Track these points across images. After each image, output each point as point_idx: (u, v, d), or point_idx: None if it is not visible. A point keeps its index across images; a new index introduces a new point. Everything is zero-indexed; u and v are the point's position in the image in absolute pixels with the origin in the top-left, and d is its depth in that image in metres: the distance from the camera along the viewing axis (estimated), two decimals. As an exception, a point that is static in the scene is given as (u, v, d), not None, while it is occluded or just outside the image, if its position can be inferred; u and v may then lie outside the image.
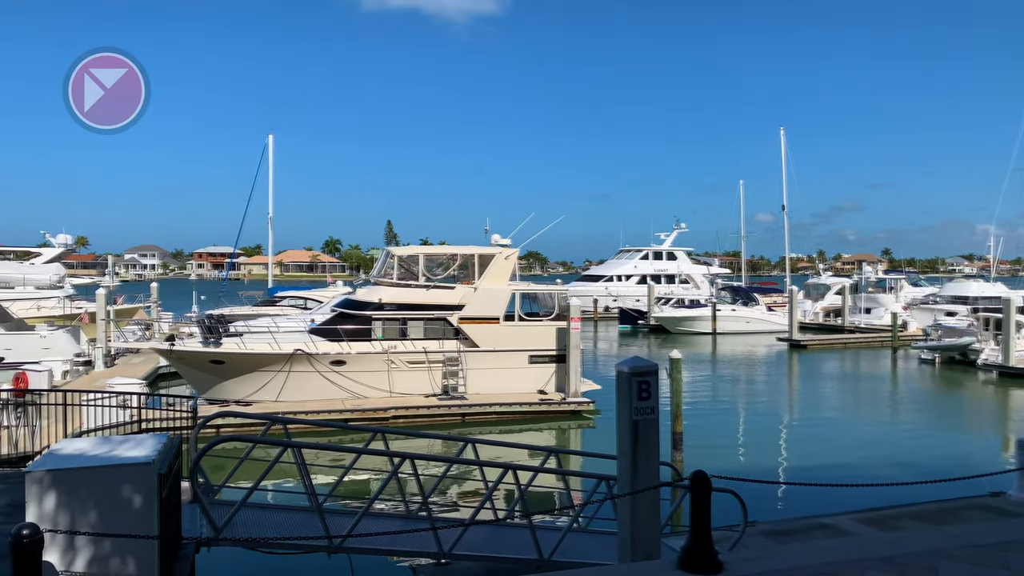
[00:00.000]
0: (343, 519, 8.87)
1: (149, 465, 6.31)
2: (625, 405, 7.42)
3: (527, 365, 23.81)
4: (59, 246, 48.49)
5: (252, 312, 34.86)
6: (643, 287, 61.70)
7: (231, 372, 22.48)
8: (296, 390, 22.18)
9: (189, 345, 23.44)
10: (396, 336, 23.31)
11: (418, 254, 25.44)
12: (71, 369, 27.10)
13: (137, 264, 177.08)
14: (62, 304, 38.84)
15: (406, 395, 22.68)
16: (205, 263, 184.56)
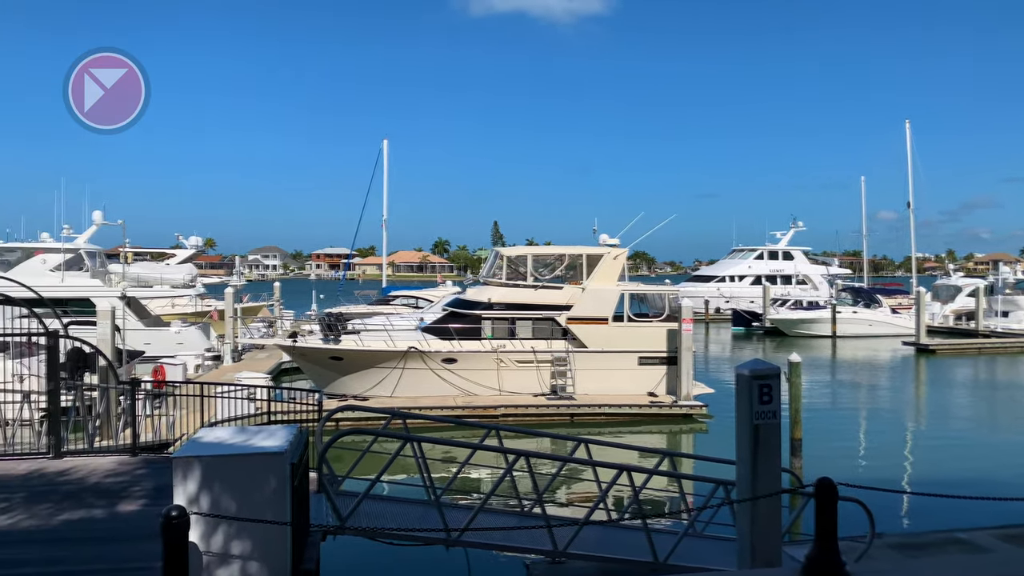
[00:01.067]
0: (459, 513, 9.08)
1: (282, 455, 6.65)
2: (745, 409, 7.24)
3: (636, 367, 23.56)
4: (191, 248, 51.71)
5: (367, 311, 36.11)
6: (757, 288, 59.76)
7: (349, 368, 23.37)
8: (410, 386, 22.80)
9: (310, 342, 24.53)
10: (505, 335, 23.57)
11: (526, 254, 25.64)
12: (202, 363, 28.83)
13: (260, 264, 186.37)
14: (194, 302, 41.38)
15: (515, 394, 22.90)
16: (322, 264, 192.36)
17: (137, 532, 7.94)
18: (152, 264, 46.10)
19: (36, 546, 7.58)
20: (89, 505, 8.84)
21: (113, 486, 9.70)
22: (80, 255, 35.99)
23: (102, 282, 34.47)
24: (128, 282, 34.71)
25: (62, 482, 9.89)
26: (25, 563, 7.10)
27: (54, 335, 11.77)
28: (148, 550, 7.22)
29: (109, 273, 37.02)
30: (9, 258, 35.01)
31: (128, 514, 8.60)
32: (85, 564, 7.12)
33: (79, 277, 34.31)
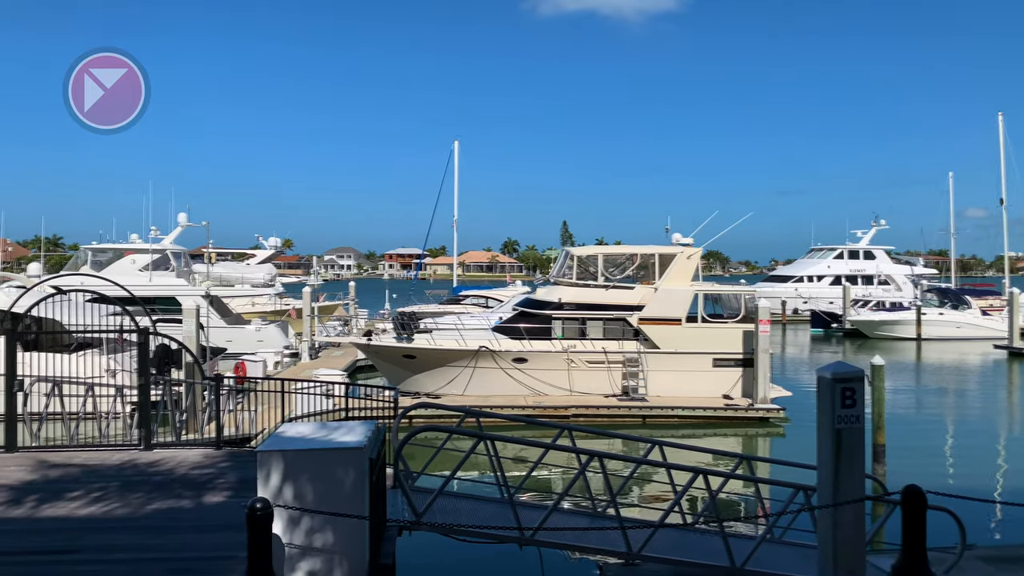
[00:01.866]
0: (532, 512, 9.08)
1: (362, 450, 6.78)
2: (827, 413, 7.03)
3: (711, 368, 23.14)
4: (270, 248, 53.46)
5: (438, 310, 36.55)
6: (837, 288, 57.88)
7: (422, 366, 23.70)
8: (481, 385, 22.97)
9: (384, 340, 25.00)
10: (575, 336, 23.49)
11: (597, 254, 25.50)
12: (281, 360, 29.69)
13: (335, 264, 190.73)
14: (273, 301, 42.65)
15: (585, 394, 22.81)
16: (395, 264, 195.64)
17: (222, 522, 8.23)
18: (233, 264, 47.80)
19: (129, 533, 7.94)
20: (177, 496, 9.21)
21: (199, 478, 10.08)
22: (167, 255, 37.56)
23: (187, 281, 35.88)
24: (211, 281, 36.05)
25: (152, 473, 10.33)
26: (119, 549, 7.44)
27: (145, 332, 12.30)
28: (232, 540, 7.47)
29: (193, 273, 38.52)
30: (101, 258, 36.79)
31: (213, 505, 8.92)
32: (174, 552, 7.41)
33: (165, 276, 35.81)
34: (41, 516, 8.44)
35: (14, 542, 7.62)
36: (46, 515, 8.47)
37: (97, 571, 6.92)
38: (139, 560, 7.15)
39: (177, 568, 6.95)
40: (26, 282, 27.23)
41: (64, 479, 9.95)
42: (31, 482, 9.79)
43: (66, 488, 9.50)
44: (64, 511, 8.59)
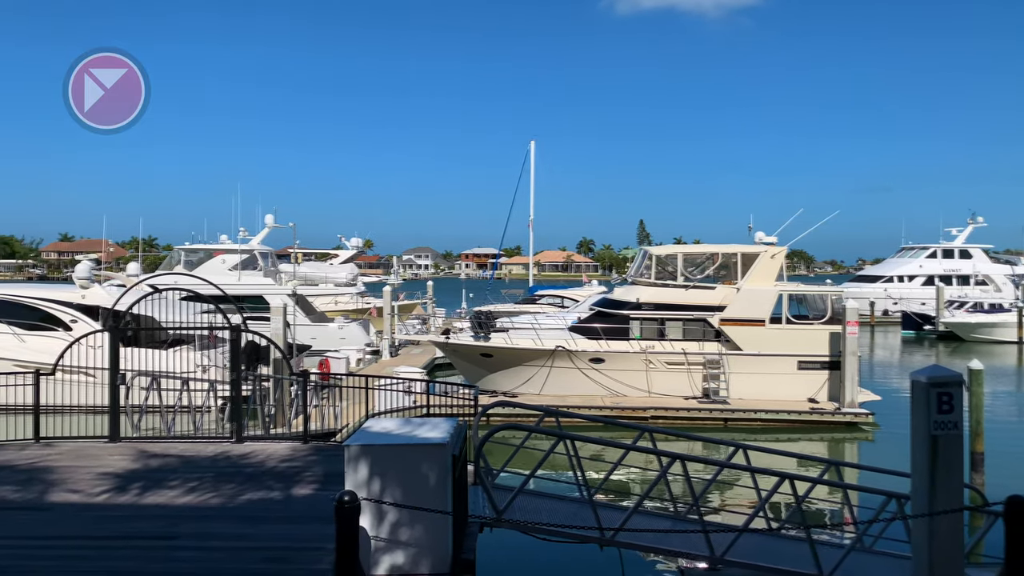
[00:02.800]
0: (612, 513, 9.06)
1: (445, 446, 6.90)
2: (922, 418, 6.75)
3: (795, 371, 22.51)
4: (352, 248, 54.80)
5: (514, 309, 36.73)
6: (930, 289, 55.38)
7: (498, 365, 23.88)
8: (557, 385, 22.97)
9: (462, 339, 25.29)
10: (654, 336, 23.23)
11: (676, 253, 25.14)
12: (363, 357, 30.38)
13: (413, 264, 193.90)
14: (355, 299, 43.68)
15: (664, 396, 22.52)
16: (471, 263, 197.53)
17: (310, 514, 8.49)
18: (317, 264, 49.24)
19: (223, 522, 8.29)
20: (268, 487, 9.56)
21: (287, 470, 10.43)
22: (254, 255, 38.98)
23: (273, 280, 37.15)
24: (298, 281, 37.19)
25: (244, 465, 10.75)
26: (215, 536, 7.78)
27: (236, 329, 12.80)
28: (320, 531, 7.69)
29: (279, 272, 39.84)
30: (192, 258, 38.47)
31: (301, 497, 9.22)
32: (266, 541, 7.69)
33: (253, 276, 37.16)
34: (143, 503, 8.90)
35: (120, 527, 8.07)
36: (148, 502, 8.93)
37: (195, 557, 7.25)
38: (234, 548, 7.45)
39: (269, 557, 7.21)
40: (126, 281, 28.68)
41: (163, 469, 10.46)
42: (134, 471, 10.33)
43: (165, 477, 9.98)
44: (164, 499, 9.04)
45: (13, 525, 8.17)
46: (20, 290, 24.58)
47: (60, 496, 9.18)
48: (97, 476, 10.03)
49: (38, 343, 22.10)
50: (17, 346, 22.13)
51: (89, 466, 10.59)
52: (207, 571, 6.87)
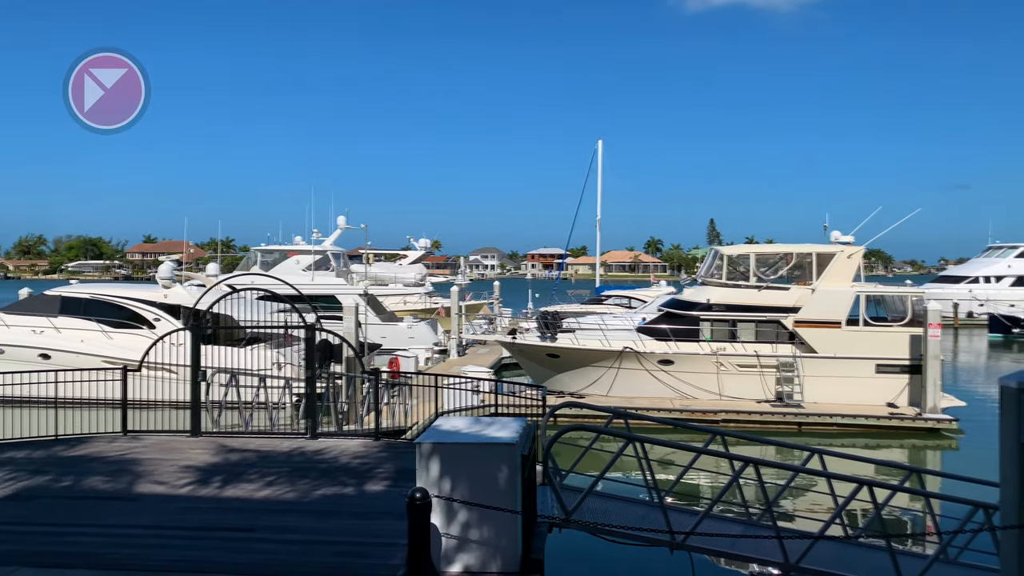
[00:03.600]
0: (682, 516, 8.93)
1: (515, 446, 6.93)
2: (1012, 425, 6.42)
3: (873, 375, 21.77)
4: (420, 249, 55.55)
5: (580, 310, 36.59)
6: (1019, 290, 52.80)
7: (565, 365, 23.84)
8: (625, 386, 22.79)
9: (528, 339, 25.34)
10: (725, 338, 22.81)
11: (748, 253, 24.62)
12: (431, 356, 30.77)
13: (479, 264, 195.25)
14: (423, 299, 44.27)
15: (736, 399, 22.09)
16: (536, 263, 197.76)
17: (382, 510, 8.66)
18: (386, 264, 50.08)
19: (299, 516, 8.52)
20: (341, 483, 9.78)
21: (360, 466, 10.65)
22: (327, 256, 39.89)
23: (345, 281, 37.94)
24: (369, 281, 37.91)
25: (318, 460, 11.03)
26: (292, 530, 8.00)
27: (311, 328, 13.13)
28: (392, 527, 7.84)
29: (351, 272, 40.67)
30: (268, 259, 39.61)
31: (374, 493, 9.40)
32: (340, 536, 7.88)
33: (326, 276, 38.02)
34: (224, 496, 9.22)
35: (203, 518, 8.39)
36: (228, 495, 9.25)
37: (273, 549, 7.48)
38: (309, 542, 7.66)
39: (343, 551, 7.38)
40: (205, 281, 29.76)
41: (242, 463, 10.82)
42: (214, 464, 10.72)
43: (244, 471, 10.32)
44: (243, 492, 9.35)
45: (105, 513, 8.58)
46: (108, 289, 25.78)
47: (147, 487, 9.59)
48: (181, 469, 10.45)
49: (124, 340, 23.15)
50: (105, 343, 23.22)
51: (173, 459, 11.04)
52: (284, 564, 7.07)
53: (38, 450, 11.63)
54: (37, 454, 11.35)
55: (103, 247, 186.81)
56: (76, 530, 7.94)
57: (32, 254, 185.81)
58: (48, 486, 9.64)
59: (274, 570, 6.92)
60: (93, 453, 11.41)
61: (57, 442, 12.24)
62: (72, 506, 8.83)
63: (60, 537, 7.69)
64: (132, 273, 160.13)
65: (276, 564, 7.08)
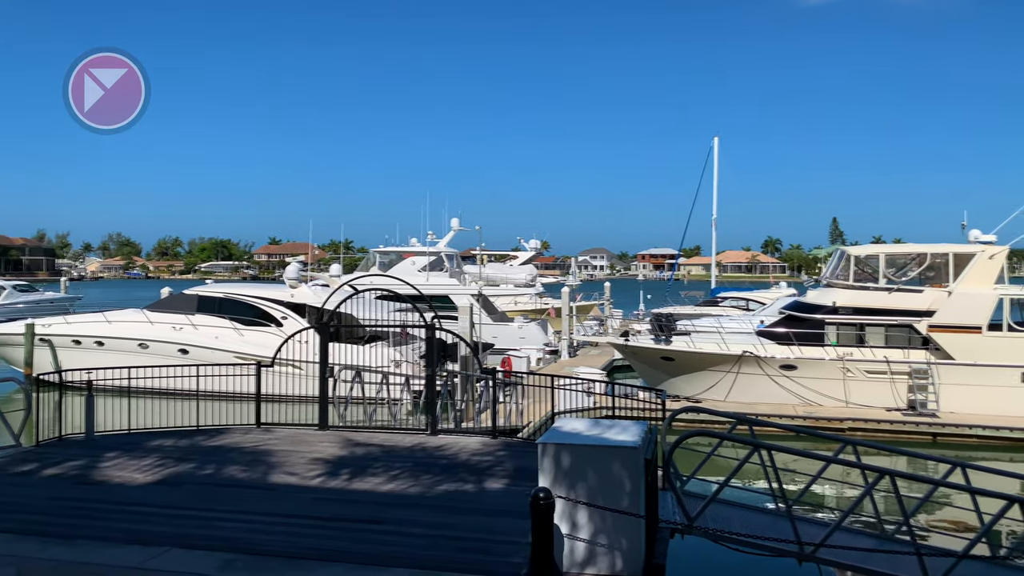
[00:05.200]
0: (809, 527, 8.58)
1: (637, 449, 6.86)
2: None
3: (1018, 383, 20.20)
4: (531, 250, 55.89)
5: (695, 312, 35.82)
6: None
7: (680, 369, 23.37)
8: (744, 392, 22.12)
9: (642, 341, 25.00)
10: (852, 342, 21.75)
11: (878, 253, 23.37)
12: (543, 356, 30.89)
13: (588, 265, 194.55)
14: (533, 300, 44.51)
15: (864, 407, 21.01)
16: (647, 264, 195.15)
17: (502, 507, 8.76)
18: (497, 265, 50.69)
19: (423, 510, 8.74)
20: (462, 479, 9.96)
21: (479, 464, 10.82)
22: (441, 257, 40.80)
23: (458, 281, 38.67)
24: (482, 282, 38.50)
25: (439, 456, 11.28)
26: (416, 524, 8.22)
27: (431, 328, 13.45)
28: (513, 525, 7.92)
29: (464, 273, 41.42)
30: (385, 260, 40.88)
31: (494, 491, 9.52)
32: (461, 531, 8.02)
33: (440, 277, 38.87)
34: (352, 488, 9.59)
35: (333, 509, 8.75)
36: (356, 487, 9.61)
37: (399, 541, 7.70)
38: (433, 536, 7.84)
39: (467, 547, 7.51)
40: (329, 281, 31.04)
41: (367, 457, 11.21)
42: (342, 457, 11.16)
43: (369, 465, 10.69)
44: (369, 485, 9.68)
45: (243, 501, 9.09)
46: (240, 289, 27.34)
47: (280, 478, 10.10)
48: (310, 461, 10.94)
49: (254, 337, 24.48)
50: (237, 339, 24.62)
51: (303, 451, 11.58)
52: (411, 556, 7.26)
53: (182, 439, 12.46)
54: (181, 443, 12.16)
55: (232, 248, 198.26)
56: (219, 515, 8.45)
57: (169, 255, 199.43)
58: (192, 473, 10.31)
59: (401, 562, 7.11)
60: (230, 444, 12.12)
61: (198, 432, 13.07)
62: (214, 493, 9.41)
63: (205, 521, 8.20)
64: (259, 273, 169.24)
65: (402, 556, 7.27)
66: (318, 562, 7.07)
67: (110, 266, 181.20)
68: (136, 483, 9.81)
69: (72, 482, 9.90)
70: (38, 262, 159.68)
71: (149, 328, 25.54)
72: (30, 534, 7.65)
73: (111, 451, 11.46)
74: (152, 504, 8.83)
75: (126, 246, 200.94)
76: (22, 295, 54.82)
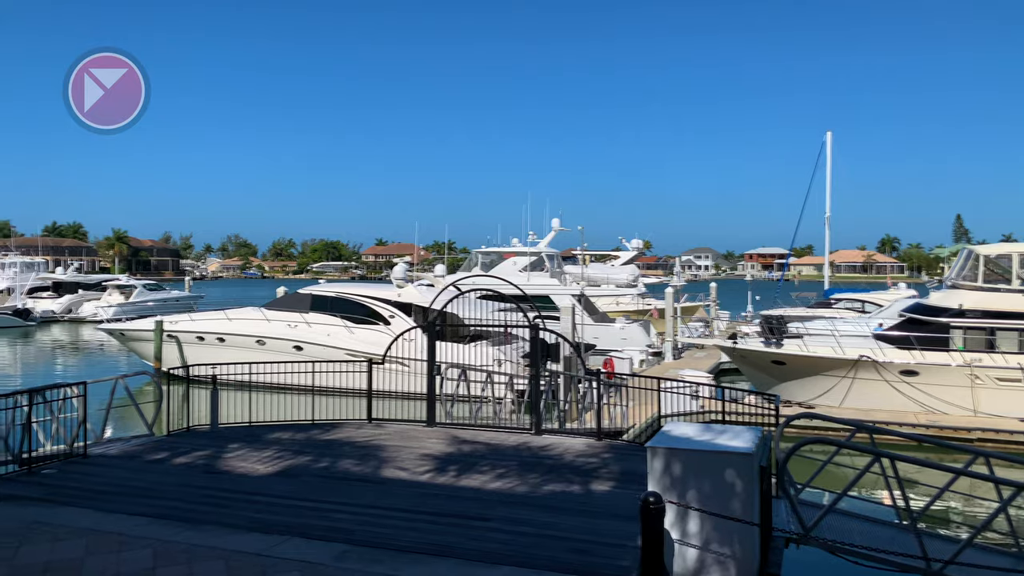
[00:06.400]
0: (934, 542, 8.10)
1: (751, 456, 6.67)
2: None
3: None
4: (633, 249, 55.28)
5: (806, 314, 34.46)
6: None
7: (791, 374, 22.54)
8: (860, 398, 21.12)
9: (751, 344, 24.26)
10: (981, 348, 20.38)
11: (1011, 253, 21.77)
12: (646, 358, 30.47)
13: (692, 265, 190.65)
14: (635, 301, 43.98)
15: (996, 417, 19.64)
16: (755, 263, 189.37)
17: (609, 510, 8.69)
18: (598, 265, 50.38)
19: (529, 509, 8.78)
20: (568, 480, 9.95)
21: (584, 465, 10.78)
22: (542, 258, 40.89)
23: (559, 282, 38.66)
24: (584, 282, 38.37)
25: (544, 456, 11.31)
26: (524, 522, 8.27)
27: (535, 328, 13.51)
28: (621, 528, 7.86)
29: (564, 273, 41.38)
30: (486, 260, 41.34)
31: (601, 493, 9.46)
32: (568, 532, 8.00)
33: (540, 277, 38.96)
34: (459, 485, 9.75)
35: (442, 504, 8.91)
36: (463, 484, 9.76)
37: (506, 539, 7.76)
38: (541, 535, 7.87)
39: (575, 548, 7.49)
40: (434, 281, 31.67)
41: (473, 454, 11.37)
42: (449, 454, 11.36)
43: (475, 462, 10.84)
44: (477, 482, 9.82)
45: (356, 494, 9.40)
46: (350, 289, 28.29)
47: (391, 472, 10.38)
48: (419, 456, 11.20)
49: (364, 335, 25.27)
50: (348, 337, 25.48)
51: (412, 447, 11.86)
52: (519, 554, 7.31)
53: (299, 432, 13.01)
54: (298, 436, 12.70)
55: (342, 249, 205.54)
56: (334, 507, 8.76)
57: (283, 256, 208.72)
58: (308, 466, 10.74)
59: (509, 559, 7.17)
60: (344, 438, 12.55)
61: (313, 426, 13.61)
62: (330, 485, 9.77)
63: (321, 513, 8.53)
64: (366, 273, 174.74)
65: (510, 553, 7.33)
66: (429, 556, 7.22)
67: (229, 266, 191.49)
68: (257, 473, 10.32)
69: (200, 471, 10.50)
70: (165, 262, 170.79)
71: (266, 326, 26.79)
72: (164, 518, 8.16)
73: (234, 442, 12.10)
74: (272, 494, 9.26)
75: (243, 247, 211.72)
76: (151, 294, 58.86)
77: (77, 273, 72.96)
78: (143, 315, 38.20)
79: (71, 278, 64.92)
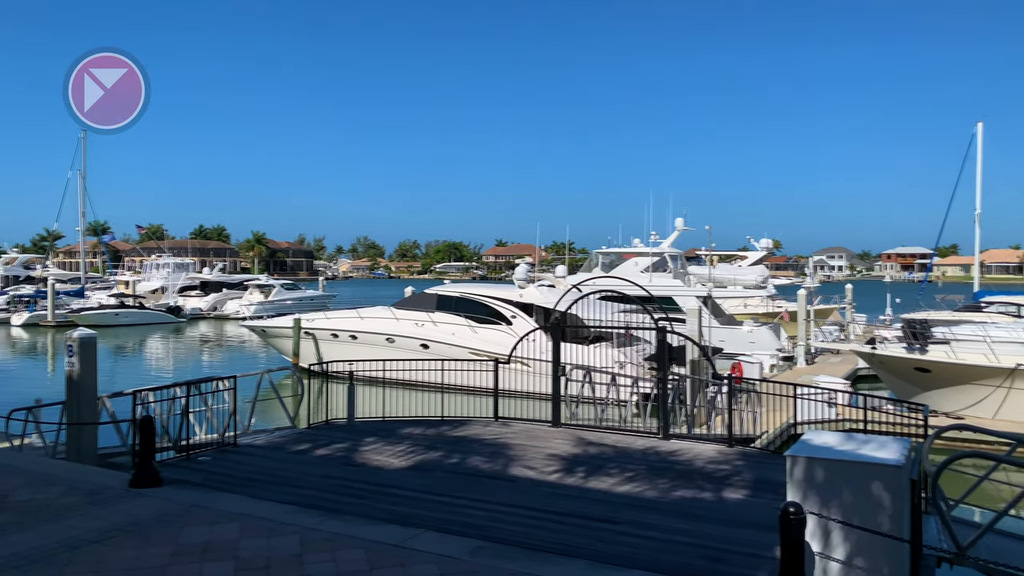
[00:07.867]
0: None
1: (901, 468, 6.31)
2: None
3: None
4: (762, 249, 53.34)
5: (954, 318, 32.14)
6: None
7: (937, 382, 21.12)
8: (1017, 410, 19.51)
9: (891, 349, 22.91)
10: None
11: None
12: (776, 363, 29.36)
13: (824, 265, 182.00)
14: (764, 303, 42.41)
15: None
16: (893, 264, 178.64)
17: (743, 519, 8.45)
18: (725, 266, 48.97)
19: (658, 514, 8.67)
20: (699, 486, 9.76)
21: (716, 472, 10.53)
22: (664, 258, 40.20)
23: (683, 283, 37.89)
24: (711, 284, 37.44)
25: (673, 461, 11.14)
26: (653, 527, 8.17)
27: (663, 331, 13.31)
28: (756, 538, 7.63)
29: (688, 274, 40.51)
30: (606, 261, 41.04)
31: (733, 501, 9.22)
32: (699, 539, 7.84)
33: (663, 278, 38.30)
34: (587, 486, 9.75)
35: (570, 505, 8.95)
36: (591, 486, 9.76)
37: (635, 542, 7.70)
38: (670, 540, 7.76)
39: (707, 555, 7.34)
40: (555, 282, 31.80)
41: (600, 456, 11.35)
42: (575, 455, 11.39)
43: (602, 464, 10.81)
44: (605, 485, 9.79)
45: (486, 490, 9.58)
46: (474, 289, 28.87)
47: (519, 470, 10.52)
48: (546, 456, 11.28)
49: (487, 334, 25.71)
50: (471, 336, 25.99)
51: (539, 446, 11.97)
52: (649, 558, 7.23)
53: (429, 428, 13.41)
54: (429, 432, 13.09)
55: (463, 250, 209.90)
56: (466, 503, 8.97)
57: (409, 257, 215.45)
58: (440, 461, 11.05)
59: (639, 564, 7.10)
60: (472, 435, 12.83)
61: (443, 422, 13.99)
62: (461, 481, 10.02)
63: (455, 508, 8.75)
64: (487, 273, 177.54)
65: (639, 558, 7.26)
66: (559, 556, 7.25)
67: (358, 267, 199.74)
68: (392, 467, 10.71)
69: (339, 463, 11.02)
70: (299, 263, 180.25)
71: (395, 324, 27.74)
72: (308, 507, 8.61)
73: (369, 436, 12.62)
74: (407, 488, 9.59)
75: (372, 248, 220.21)
76: (288, 293, 62.23)
77: (221, 273, 78.28)
78: (281, 313, 40.45)
79: (216, 278, 69.74)
